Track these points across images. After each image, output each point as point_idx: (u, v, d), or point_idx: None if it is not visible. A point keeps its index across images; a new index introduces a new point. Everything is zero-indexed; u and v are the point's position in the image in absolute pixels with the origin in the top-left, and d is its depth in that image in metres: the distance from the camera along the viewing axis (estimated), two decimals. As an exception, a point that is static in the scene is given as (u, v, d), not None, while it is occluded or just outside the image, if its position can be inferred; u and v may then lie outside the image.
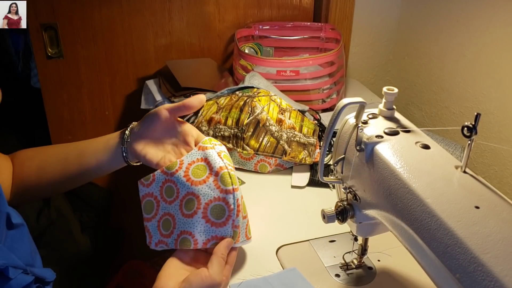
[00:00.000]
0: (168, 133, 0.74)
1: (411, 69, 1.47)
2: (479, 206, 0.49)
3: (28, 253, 0.59)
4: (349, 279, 0.75)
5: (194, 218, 0.68)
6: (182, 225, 0.69)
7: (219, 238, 0.69)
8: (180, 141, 0.74)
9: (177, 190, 0.70)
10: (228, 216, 0.68)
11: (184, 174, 0.70)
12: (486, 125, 1.16)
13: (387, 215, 0.58)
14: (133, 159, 0.75)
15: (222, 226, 0.69)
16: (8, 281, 0.51)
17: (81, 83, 1.36)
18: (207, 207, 0.68)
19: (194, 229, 0.68)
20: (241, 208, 0.71)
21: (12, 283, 0.51)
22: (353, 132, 0.65)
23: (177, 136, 0.74)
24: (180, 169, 0.70)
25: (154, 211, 0.72)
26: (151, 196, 0.72)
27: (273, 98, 1.05)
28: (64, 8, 1.26)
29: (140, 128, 0.73)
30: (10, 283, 0.51)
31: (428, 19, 1.35)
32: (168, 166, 0.71)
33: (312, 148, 1.01)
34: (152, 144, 0.73)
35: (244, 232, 0.73)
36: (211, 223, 0.69)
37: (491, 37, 1.13)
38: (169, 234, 0.70)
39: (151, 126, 0.73)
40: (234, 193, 0.69)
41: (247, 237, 0.74)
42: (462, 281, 0.45)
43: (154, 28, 1.36)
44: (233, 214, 0.69)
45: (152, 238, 0.71)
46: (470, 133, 0.51)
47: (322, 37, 1.40)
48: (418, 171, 0.55)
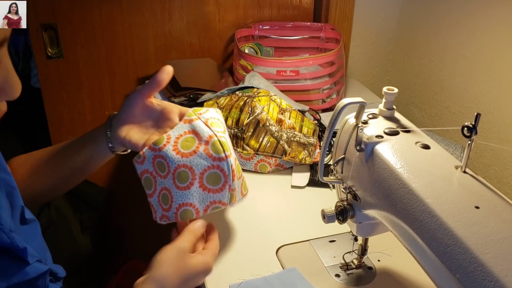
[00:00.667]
0: (149, 114, 0.74)
1: (411, 69, 1.47)
2: (479, 206, 0.49)
3: (41, 249, 0.59)
4: (349, 279, 0.75)
5: (192, 189, 0.69)
6: (180, 198, 0.69)
7: (217, 203, 0.71)
8: (164, 119, 0.73)
9: (167, 165, 0.70)
10: (224, 182, 0.70)
11: (173, 148, 0.69)
12: (486, 125, 1.16)
13: (387, 215, 0.58)
14: (119, 147, 0.75)
15: (219, 191, 0.70)
16: (26, 266, 0.51)
17: (81, 83, 1.36)
18: (202, 176, 0.69)
19: (194, 199, 0.69)
20: (235, 172, 0.71)
21: (29, 270, 0.52)
22: (353, 132, 0.65)
23: (159, 116, 0.74)
24: (168, 143, 0.70)
25: (153, 186, 0.72)
26: (147, 172, 0.72)
27: (273, 98, 1.05)
28: (64, 8, 1.26)
29: (120, 115, 0.73)
30: (27, 269, 0.51)
31: (428, 19, 1.35)
32: (155, 141, 0.70)
33: (312, 148, 1.01)
34: (135, 128, 0.73)
35: (240, 191, 0.75)
36: (208, 190, 0.70)
37: (491, 37, 1.13)
38: (168, 208, 0.70)
39: (129, 112, 0.72)
40: (227, 159, 0.69)
41: (242, 194, 0.76)
42: (462, 281, 0.45)
43: (154, 28, 1.36)
44: (229, 179, 0.70)
45: (156, 213, 0.72)
46: (470, 133, 0.51)
47: (322, 37, 1.40)
48: (418, 171, 0.55)
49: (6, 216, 0.52)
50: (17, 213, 0.56)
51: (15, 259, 0.51)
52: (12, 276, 0.50)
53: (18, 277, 0.50)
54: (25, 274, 0.51)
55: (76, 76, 1.35)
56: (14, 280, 0.50)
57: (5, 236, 0.49)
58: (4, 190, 0.55)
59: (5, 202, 0.54)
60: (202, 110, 0.74)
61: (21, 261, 0.51)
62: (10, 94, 0.48)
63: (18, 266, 0.51)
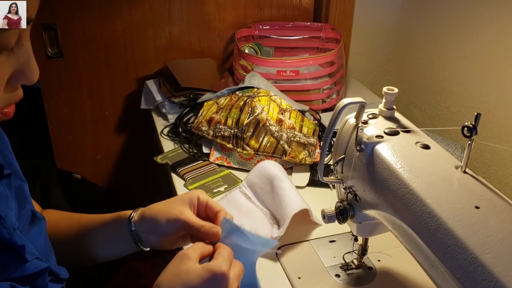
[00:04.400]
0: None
1: (411, 69, 1.47)
2: (479, 206, 0.49)
3: (45, 248, 0.61)
4: (349, 279, 0.75)
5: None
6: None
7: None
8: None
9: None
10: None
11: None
12: (486, 125, 1.16)
13: (387, 215, 0.58)
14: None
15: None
16: (25, 262, 0.52)
17: (81, 83, 1.36)
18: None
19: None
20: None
21: (28, 266, 0.53)
22: (353, 132, 0.65)
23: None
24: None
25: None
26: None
27: (273, 98, 1.05)
28: (64, 8, 1.26)
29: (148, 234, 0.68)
30: (26, 265, 0.52)
31: (428, 19, 1.35)
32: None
33: (312, 148, 1.01)
34: (165, 237, 0.67)
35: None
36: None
37: (491, 37, 1.13)
38: None
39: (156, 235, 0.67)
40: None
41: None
42: (462, 281, 0.45)
43: (154, 28, 1.36)
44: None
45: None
46: (470, 133, 0.51)
47: (322, 37, 1.40)
48: (418, 171, 0.55)
49: (12, 215, 0.53)
50: (26, 214, 0.58)
51: (15, 255, 0.52)
52: (11, 270, 0.51)
53: (17, 272, 0.52)
54: (23, 270, 0.52)
55: (76, 76, 1.35)
56: (12, 274, 0.51)
57: (6, 232, 0.51)
58: (14, 192, 0.57)
59: (14, 203, 0.55)
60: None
61: (20, 257, 0.52)
62: (31, 78, 0.48)
63: (17, 262, 0.52)
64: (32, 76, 0.48)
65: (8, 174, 0.55)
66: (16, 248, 0.52)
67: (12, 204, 0.55)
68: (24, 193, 0.59)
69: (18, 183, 0.59)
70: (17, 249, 0.52)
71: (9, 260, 0.52)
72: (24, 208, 0.58)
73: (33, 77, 0.48)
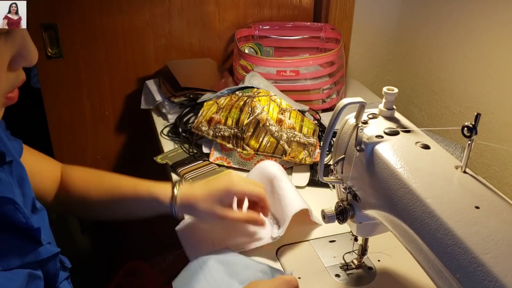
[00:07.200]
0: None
1: (411, 69, 1.47)
2: (479, 206, 0.49)
3: (49, 237, 0.61)
4: (349, 279, 0.75)
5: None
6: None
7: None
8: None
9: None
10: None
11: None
12: (486, 125, 1.16)
13: (387, 215, 0.58)
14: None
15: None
16: (39, 246, 0.54)
17: (81, 83, 1.36)
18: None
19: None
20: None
21: (41, 250, 0.54)
22: (353, 132, 0.65)
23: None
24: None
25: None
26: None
27: (273, 98, 1.05)
28: (64, 8, 1.26)
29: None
30: (40, 249, 0.54)
31: (428, 19, 1.35)
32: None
33: (312, 148, 1.01)
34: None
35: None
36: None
37: (491, 37, 1.13)
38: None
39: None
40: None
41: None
42: (462, 281, 0.45)
43: (154, 28, 1.36)
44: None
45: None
46: (470, 133, 0.51)
47: (322, 37, 1.40)
48: (418, 171, 0.55)
49: (20, 202, 0.54)
50: (28, 202, 0.59)
51: (29, 239, 0.54)
52: (26, 255, 0.53)
53: (31, 256, 0.53)
54: (38, 254, 0.54)
55: (76, 76, 1.35)
56: (27, 259, 0.53)
57: (21, 216, 0.52)
58: (16, 180, 0.58)
59: (18, 190, 0.57)
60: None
61: (35, 241, 0.54)
62: (29, 60, 0.49)
63: (32, 246, 0.54)
64: (31, 57, 0.49)
65: (9, 161, 0.56)
66: (30, 232, 0.53)
67: (17, 191, 0.56)
68: (25, 180, 0.60)
69: (19, 171, 0.60)
70: (32, 233, 0.54)
71: (24, 245, 0.53)
72: (26, 196, 0.59)
73: (32, 58, 0.49)
